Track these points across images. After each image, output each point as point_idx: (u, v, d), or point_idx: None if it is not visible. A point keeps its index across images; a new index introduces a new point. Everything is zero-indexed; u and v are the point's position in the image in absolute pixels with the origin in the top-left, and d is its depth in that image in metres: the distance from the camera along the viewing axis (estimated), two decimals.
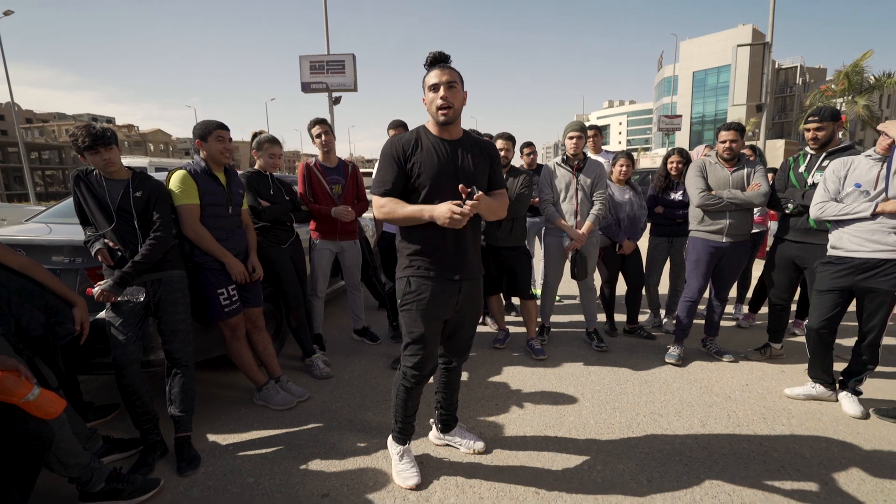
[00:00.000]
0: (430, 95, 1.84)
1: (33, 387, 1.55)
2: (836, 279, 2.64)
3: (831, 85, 25.82)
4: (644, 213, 3.87)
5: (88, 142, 2.08)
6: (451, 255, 1.93)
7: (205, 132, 2.53)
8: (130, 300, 2.19)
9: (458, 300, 2.00)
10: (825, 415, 2.66)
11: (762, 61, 13.24)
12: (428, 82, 1.85)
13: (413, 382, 2.06)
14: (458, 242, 1.93)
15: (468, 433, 2.42)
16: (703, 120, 49.29)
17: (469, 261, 1.99)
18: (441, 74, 1.82)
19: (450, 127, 1.91)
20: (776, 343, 3.42)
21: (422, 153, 1.87)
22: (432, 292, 1.92)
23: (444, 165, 1.87)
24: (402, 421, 2.16)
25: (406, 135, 1.92)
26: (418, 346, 1.99)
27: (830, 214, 2.62)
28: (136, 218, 2.21)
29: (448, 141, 1.92)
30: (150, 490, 2.02)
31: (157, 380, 2.46)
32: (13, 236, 2.61)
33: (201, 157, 2.57)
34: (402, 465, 2.14)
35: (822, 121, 2.91)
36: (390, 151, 1.89)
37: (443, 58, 1.87)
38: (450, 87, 1.82)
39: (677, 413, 2.71)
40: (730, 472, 2.16)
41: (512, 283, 3.62)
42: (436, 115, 1.85)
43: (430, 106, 1.86)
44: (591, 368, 3.34)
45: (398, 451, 2.18)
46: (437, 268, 1.92)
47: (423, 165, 1.86)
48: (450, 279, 1.95)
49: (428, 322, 1.95)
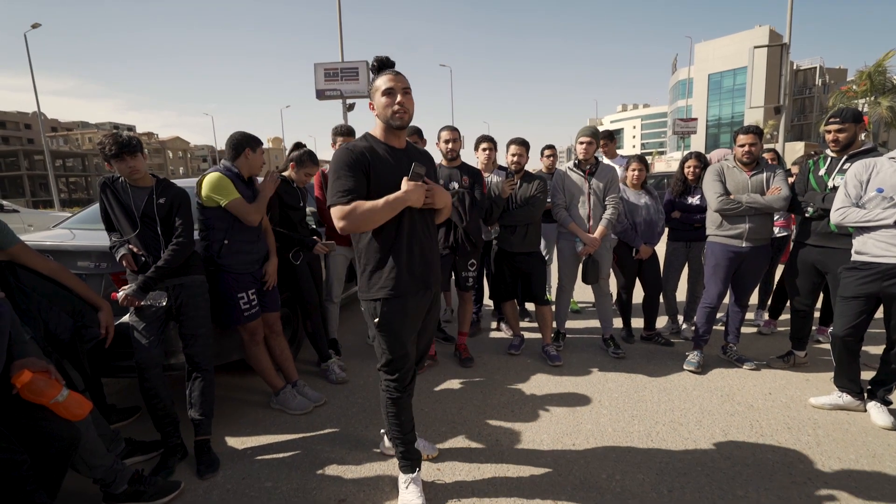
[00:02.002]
0: (384, 100, 1.79)
1: (62, 388, 1.59)
2: (861, 285, 2.56)
3: (853, 86, 25.26)
4: (661, 217, 3.82)
5: (115, 150, 2.15)
6: (417, 265, 1.88)
7: (255, 143, 2.68)
8: (153, 304, 2.23)
9: (424, 311, 1.98)
10: (853, 425, 2.59)
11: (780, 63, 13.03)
12: (380, 87, 1.80)
13: (399, 393, 1.98)
14: (422, 251, 1.89)
15: (422, 439, 2.35)
16: (719, 123, 48.59)
17: (434, 269, 1.97)
18: (396, 80, 1.80)
19: (399, 134, 1.89)
20: (800, 351, 3.33)
21: (379, 163, 1.82)
22: (406, 310, 1.87)
23: (397, 174, 1.81)
24: (402, 443, 2.03)
25: (360, 142, 1.86)
26: (400, 362, 1.94)
27: (852, 221, 2.55)
28: (159, 224, 2.26)
29: (397, 149, 1.89)
30: (171, 492, 2.05)
31: (178, 383, 2.50)
32: (41, 242, 2.68)
33: (232, 164, 2.63)
34: (408, 496, 2.01)
35: (844, 122, 2.83)
36: (348, 159, 1.78)
37: (391, 63, 1.85)
38: (405, 93, 1.80)
39: (698, 422, 2.65)
40: (754, 484, 2.10)
41: (526, 288, 3.60)
42: (391, 119, 1.81)
43: (383, 111, 1.81)
44: (609, 375, 3.30)
45: (405, 481, 2.04)
46: (408, 283, 1.86)
47: (380, 175, 1.80)
48: (420, 291, 1.91)
49: (406, 339, 1.92)
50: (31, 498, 1.55)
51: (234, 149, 2.62)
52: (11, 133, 55.91)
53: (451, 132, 3.35)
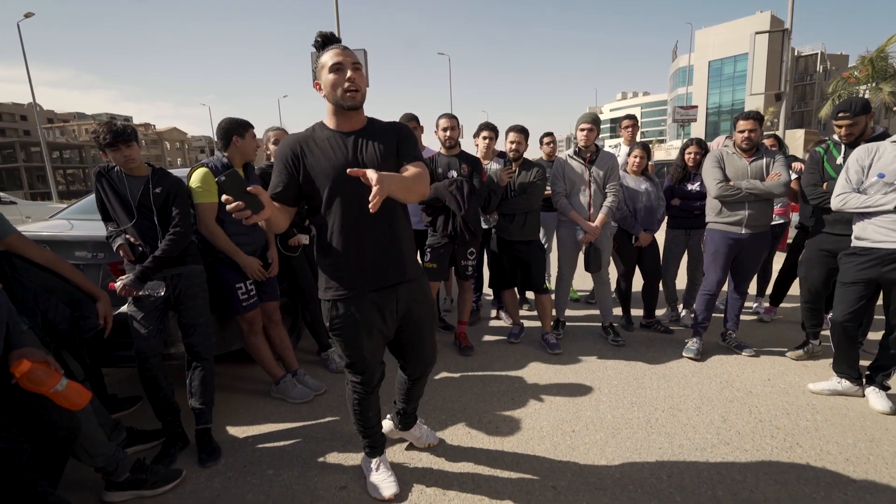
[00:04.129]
0: (332, 77, 1.60)
1: (61, 378, 1.59)
2: (861, 271, 2.56)
3: (854, 72, 25.03)
4: (662, 203, 3.80)
5: (110, 139, 2.12)
6: (374, 261, 1.72)
7: (242, 129, 2.59)
8: (151, 294, 2.22)
9: (397, 308, 1.82)
10: (851, 410, 2.60)
11: (781, 49, 12.89)
12: (326, 63, 1.61)
13: (363, 395, 1.91)
14: (375, 243, 1.71)
15: (424, 427, 2.36)
16: (719, 110, 48.26)
17: (399, 262, 1.77)
18: (344, 54, 1.61)
19: (352, 116, 1.68)
20: (814, 340, 3.28)
21: (314, 154, 1.66)
22: (362, 311, 1.73)
23: (340, 162, 1.64)
24: (368, 436, 2.01)
25: (299, 133, 1.71)
26: (360, 366, 1.84)
27: (852, 207, 2.54)
28: (155, 214, 2.25)
29: (346, 134, 1.69)
30: (173, 480, 2.07)
31: (178, 373, 2.50)
32: (38, 232, 2.67)
33: (223, 154, 2.60)
34: (378, 476, 1.99)
35: (855, 115, 2.74)
36: (280, 153, 1.68)
37: (336, 38, 1.67)
38: (356, 68, 1.61)
39: (697, 408, 2.67)
40: (753, 469, 2.12)
41: (526, 277, 3.60)
42: (342, 99, 1.62)
43: (331, 90, 1.62)
44: (608, 363, 3.31)
45: (373, 463, 2.03)
46: (360, 281, 1.72)
47: (317, 166, 1.65)
48: (382, 290, 1.76)
49: (363, 343, 1.78)
50: (33, 486, 1.56)
51: (222, 138, 2.59)
52: (7, 125, 55.44)
53: (450, 120, 3.32)
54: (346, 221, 1.67)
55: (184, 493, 2.05)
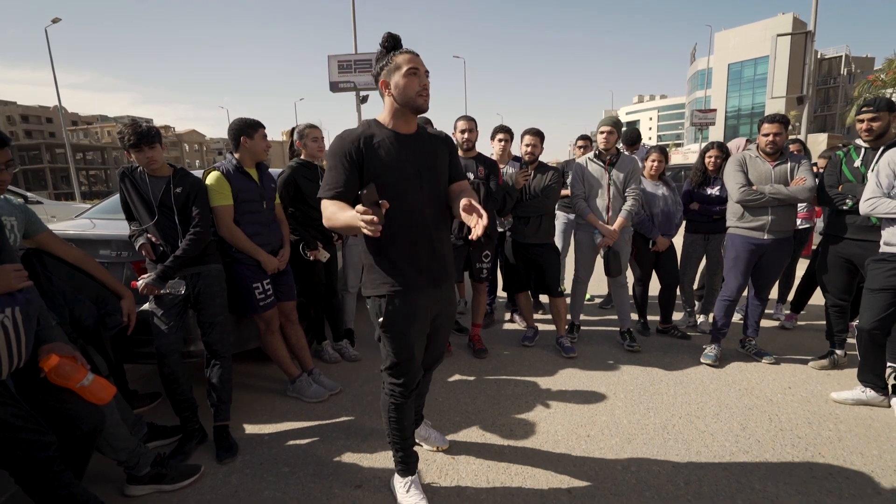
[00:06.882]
0: (409, 80, 1.65)
1: (87, 373, 1.63)
2: (889, 277, 2.49)
3: (880, 75, 24.40)
4: (679, 208, 3.75)
5: (134, 140, 2.18)
6: (427, 261, 1.76)
7: (251, 129, 2.60)
8: (172, 293, 2.27)
9: (437, 308, 1.86)
10: (876, 420, 2.53)
11: (804, 51, 12.64)
12: (402, 66, 1.65)
13: (402, 399, 1.87)
14: (430, 244, 1.76)
15: (433, 430, 2.35)
16: (738, 114, 47.48)
17: (446, 264, 1.84)
18: (419, 61, 1.67)
19: (411, 119, 1.75)
20: (839, 349, 3.17)
21: (378, 152, 1.67)
22: (416, 306, 1.75)
23: (403, 162, 1.69)
24: (402, 448, 1.94)
25: (356, 130, 1.71)
26: (405, 366, 1.82)
27: (882, 212, 2.47)
28: (176, 213, 2.30)
29: (406, 136, 1.74)
30: (192, 476, 2.10)
31: (197, 370, 2.55)
32: (64, 231, 2.74)
33: (234, 155, 2.64)
34: (409, 499, 1.92)
35: (878, 111, 2.72)
36: (336, 149, 1.67)
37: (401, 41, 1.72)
38: (427, 75, 1.69)
39: (715, 415, 2.62)
40: (773, 478, 2.07)
41: (540, 280, 3.58)
42: (413, 102, 1.67)
43: (404, 91, 1.65)
44: (624, 368, 3.27)
45: (404, 484, 1.95)
46: (415, 280, 1.74)
47: (382, 165, 1.67)
48: (430, 289, 1.79)
49: (413, 339, 1.79)
50: (59, 478, 1.60)
51: (232, 140, 2.63)
52: (34, 127, 57.22)
53: (468, 122, 3.33)
54: (406, 220, 1.71)
55: (202, 489, 2.08)
